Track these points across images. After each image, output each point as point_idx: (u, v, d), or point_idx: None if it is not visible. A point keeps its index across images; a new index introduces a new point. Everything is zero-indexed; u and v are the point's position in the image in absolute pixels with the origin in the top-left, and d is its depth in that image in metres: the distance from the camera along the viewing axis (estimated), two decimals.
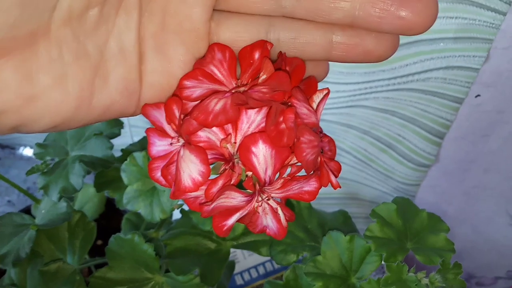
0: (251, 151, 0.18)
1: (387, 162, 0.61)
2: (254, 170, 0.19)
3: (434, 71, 0.50)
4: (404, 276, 0.27)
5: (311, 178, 0.20)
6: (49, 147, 0.36)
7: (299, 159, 0.19)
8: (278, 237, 0.21)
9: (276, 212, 0.21)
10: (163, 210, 0.30)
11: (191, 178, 0.18)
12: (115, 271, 0.30)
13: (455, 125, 0.54)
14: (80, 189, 0.32)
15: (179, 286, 0.30)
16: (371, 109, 0.55)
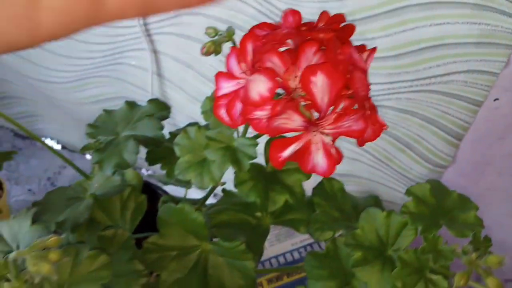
0: (311, 79, 0.21)
1: (405, 161, 0.63)
2: (313, 97, 0.22)
3: (456, 74, 0.53)
4: (439, 247, 0.29)
5: (359, 118, 0.23)
6: (99, 128, 0.39)
7: (352, 88, 0.22)
8: (327, 174, 0.24)
9: (328, 148, 0.23)
10: (212, 178, 0.32)
11: (259, 94, 0.22)
12: (165, 238, 0.33)
13: (473, 127, 0.57)
14: (133, 164, 0.35)
15: (225, 252, 0.33)
16: (393, 110, 0.58)
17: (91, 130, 0.39)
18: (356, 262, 0.31)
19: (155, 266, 0.32)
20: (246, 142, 0.33)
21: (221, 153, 0.33)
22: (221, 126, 0.34)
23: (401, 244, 0.31)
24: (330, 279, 0.32)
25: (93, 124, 0.39)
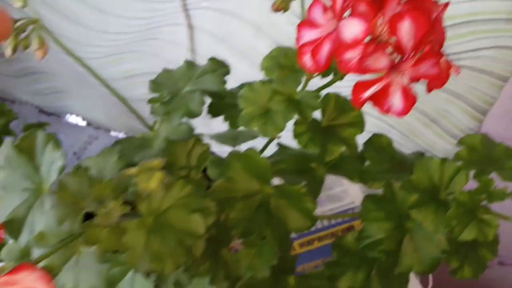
0: (399, 24, 0.24)
1: (430, 137, 0.66)
2: (399, 41, 0.24)
3: (485, 50, 0.56)
4: (491, 189, 0.32)
5: (436, 63, 0.26)
6: (161, 85, 0.41)
7: (436, 31, 0.24)
8: (403, 114, 0.27)
9: (405, 90, 0.26)
10: (276, 127, 0.35)
11: (353, 36, 0.24)
12: (231, 182, 0.35)
13: (498, 103, 0.60)
14: (199, 114, 0.37)
15: (287, 195, 0.35)
16: (422, 84, 0.61)
17: (154, 85, 0.41)
18: (412, 204, 0.34)
19: (223, 205, 0.34)
20: (309, 94, 0.35)
21: (285, 104, 0.35)
22: (286, 80, 0.36)
23: (453, 189, 0.33)
24: (385, 221, 0.35)
25: (154, 80, 0.42)
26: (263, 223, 0.35)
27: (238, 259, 0.36)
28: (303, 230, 0.36)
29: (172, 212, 0.29)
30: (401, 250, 0.35)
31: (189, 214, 0.29)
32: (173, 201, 0.29)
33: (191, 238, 0.29)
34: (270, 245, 0.35)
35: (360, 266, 0.38)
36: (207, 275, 0.35)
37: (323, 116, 0.39)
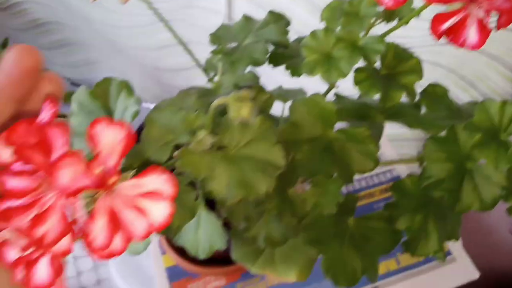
0: None
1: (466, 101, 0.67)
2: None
3: None
4: None
5: None
6: (221, 38, 0.43)
7: None
8: (478, 46, 0.28)
9: (482, 23, 0.27)
10: (341, 73, 0.36)
11: None
12: (297, 126, 0.37)
13: None
14: (264, 63, 0.39)
15: (351, 137, 0.37)
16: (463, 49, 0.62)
17: (213, 37, 0.42)
18: (475, 143, 0.35)
19: (289, 147, 0.36)
20: (373, 40, 0.37)
21: (349, 49, 0.37)
22: (350, 26, 0.38)
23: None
24: (447, 161, 0.36)
25: (214, 34, 0.43)
26: (329, 164, 0.36)
27: (304, 198, 0.38)
28: (366, 171, 0.37)
29: (254, 144, 0.31)
30: (461, 189, 0.36)
31: (271, 146, 0.31)
32: (254, 134, 0.31)
33: (273, 168, 0.31)
34: (336, 184, 0.37)
35: (417, 208, 0.39)
36: (275, 212, 0.37)
37: (382, 65, 0.40)
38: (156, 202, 0.21)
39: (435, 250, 0.40)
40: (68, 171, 0.19)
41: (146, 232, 0.21)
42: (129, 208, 0.21)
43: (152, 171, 0.22)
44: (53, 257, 0.22)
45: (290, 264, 0.44)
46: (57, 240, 0.20)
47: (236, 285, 0.58)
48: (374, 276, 0.40)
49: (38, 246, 0.20)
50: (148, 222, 0.21)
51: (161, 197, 0.21)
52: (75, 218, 0.20)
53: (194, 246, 0.42)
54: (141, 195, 0.21)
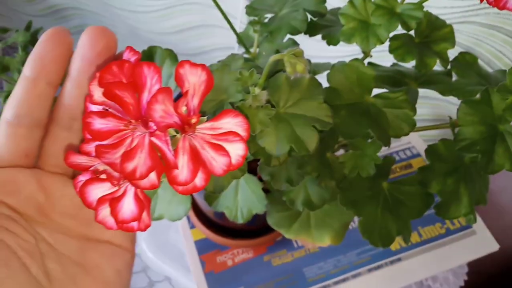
0: None
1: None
2: None
3: None
4: None
5: None
6: (257, 9, 0.44)
7: None
8: None
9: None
10: (378, 40, 0.38)
11: None
12: (335, 91, 0.38)
13: None
14: (304, 31, 0.40)
15: (388, 103, 0.38)
16: (479, 25, 0.63)
17: (250, 9, 0.44)
18: (508, 105, 0.37)
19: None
20: (411, 7, 0.38)
21: (387, 17, 0.38)
22: None
23: None
24: (480, 124, 0.38)
25: (250, 5, 0.45)
26: (367, 127, 0.38)
27: (343, 160, 0.39)
28: (403, 135, 0.39)
29: (303, 102, 0.33)
30: (494, 150, 0.38)
31: (319, 104, 0.33)
32: (303, 93, 0.33)
33: (321, 124, 0.32)
34: (374, 147, 0.39)
35: (449, 172, 0.41)
36: (315, 174, 0.39)
37: (415, 32, 0.42)
38: (231, 143, 0.22)
39: (466, 213, 0.42)
40: (161, 107, 0.20)
41: (224, 169, 0.22)
42: (208, 147, 0.22)
43: (226, 113, 0.23)
44: (138, 192, 0.23)
45: (325, 229, 0.45)
46: (147, 174, 0.21)
47: (263, 257, 0.60)
48: (408, 238, 0.42)
49: (129, 180, 0.21)
50: (226, 160, 0.22)
51: (236, 138, 0.22)
52: (161, 154, 0.22)
53: (233, 210, 0.43)
54: (217, 136, 0.22)
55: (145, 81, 0.21)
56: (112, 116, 0.22)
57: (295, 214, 0.45)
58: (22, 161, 0.24)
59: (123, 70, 0.22)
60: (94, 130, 0.22)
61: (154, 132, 0.21)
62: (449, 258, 0.61)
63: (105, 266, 0.25)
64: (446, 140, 0.41)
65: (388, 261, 0.59)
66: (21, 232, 0.23)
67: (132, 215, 0.23)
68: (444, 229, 0.62)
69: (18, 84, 0.24)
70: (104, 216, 0.23)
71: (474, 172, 0.43)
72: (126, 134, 0.22)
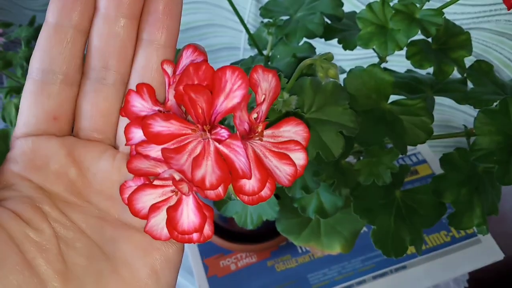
0: None
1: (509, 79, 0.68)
2: None
3: None
4: None
5: None
6: (272, 11, 0.43)
7: None
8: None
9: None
10: (397, 44, 0.37)
11: None
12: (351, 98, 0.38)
13: None
14: (320, 34, 0.39)
15: (405, 110, 0.38)
16: (489, 32, 0.63)
17: (265, 11, 0.43)
18: None
19: None
20: (431, 13, 0.37)
21: (407, 22, 0.37)
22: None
23: None
24: (497, 134, 0.37)
25: (264, 7, 0.44)
26: (383, 135, 0.37)
27: (358, 168, 0.38)
28: (420, 143, 0.38)
29: (328, 108, 0.32)
30: (510, 161, 0.37)
31: (344, 110, 0.32)
32: (327, 98, 0.32)
33: (347, 130, 0.31)
34: (390, 155, 0.38)
35: (463, 182, 0.40)
36: (330, 181, 0.38)
37: (433, 39, 0.41)
38: (292, 152, 0.21)
39: (478, 223, 0.41)
40: (240, 114, 0.19)
41: (290, 179, 0.20)
42: (271, 156, 0.20)
43: (287, 122, 0.21)
44: (200, 202, 0.21)
45: (335, 237, 0.45)
46: (218, 184, 0.19)
47: (267, 262, 0.59)
48: (420, 247, 0.41)
49: (200, 189, 0.19)
50: (292, 169, 0.20)
51: (297, 147, 0.21)
52: (228, 162, 0.19)
53: (243, 216, 0.42)
54: (278, 144, 0.21)
55: (225, 86, 0.19)
56: (177, 119, 0.20)
57: (305, 221, 0.44)
58: (51, 125, 0.21)
59: (199, 73, 0.19)
60: (152, 132, 0.19)
61: (222, 139, 0.19)
62: (454, 266, 0.60)
63: (138, 264, 0.21)
64: (461, 149, 0.40)
65: (393, 268, 0.59)
66: (35, 220, 0.19)
67: (193, 225, 0.20)
68: (449, 237, 0.62)
69: (41, 33, 0.21)
70: (155, 225, 0.21)
71: (487, 182, 0.42)
72: (187, 139, 0.20)
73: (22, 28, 0.63)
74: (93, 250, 0.20)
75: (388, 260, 0.60)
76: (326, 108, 0.32)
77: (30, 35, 0.64)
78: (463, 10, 0.61)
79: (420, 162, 0.68)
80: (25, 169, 0.20)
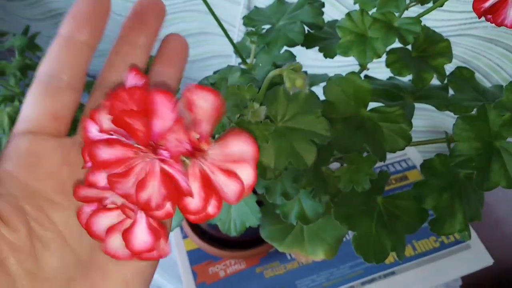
0: None
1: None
2: None
3: None
4: None
5: None
6: (254, 20, 0.44)
7: None
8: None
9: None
10: (376, 53, 0.37)
11: None
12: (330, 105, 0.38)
13: None
14: (300, 43, 0.40)
15: (384, 117, 0.38)
16: (477, 38, 0.63)
17: (248, 20, 0.43)
18: (504, 121, 0.36)
19: None
20: (409, 21, 0.38)
21: (385, 30, 0.38)
22: (386, 8, 0.39)
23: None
24: (476, 140, 0.38)
25: (247, 16, 0.44)
26: (362, 142, 0.37)
27: (338, 175, 0.39)
28: (399, 149, 0.39)
29: (301, 116, 0.32)
30: (490, 167, 0.38)
31: (316, 118, 0.32)
32: (300, 107, 0.32)
33: (319, 138, 0.32)
34: (369, 161, 0.38)
35: (444, 188, 0.41)
36: (310, 188, 0.38)
37: (413, 47, 0.42)
38: (241, 165, 0.21)
39: (460, 229, 0.41)
40: (174, 136, 0.19)
41: (237, 197, 0.20)
42: (219, 173, 0.20)
43: (236, 137, 0.21)
44: (151, 221, 0.21)
45: (318, 243, 0.45)
46: (163, 204, 0.19)
47: (256, 269, 0.59)
48: (402, 254, 0.41)
49: (145, 211, 0.20)
50: (239, 186, 0.20)
51: (245, 159, 0.21)
52: (173, 181, 0.20)
53: (226, 223, 0.43)
54: (226, 159, 0.21)
55: (158, 108, 0.19)
56: (120, 143, 0.20)
57: (288, 227, 0.45)
58: (50, 124, 0.22)
59: (134, 97, 0.20)
60: (100, 160, 0.20)
61: (166, 159, 0.20)
62: (443, 272, 0.60)
63: (110, 273, 0.22)
64: (442, 155, 0.41)
65: (382, 274, 0.59)
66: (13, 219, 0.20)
67: (147, 245, 0.21)
68: (438, 243, 0.62)
69: (53, 43, 0.22)
70: (114, 247, 0.22)
71: (469, 188, 0.43)
72: (134, 162, 0.20)
73: (16, 38, 0.64)
74: (69, 253, 0.21)
75: (376, 266, 0.60)
76: (299, 117, 0.32)
77: (24, 45, 0.65)
78: (450, 17, 0.62)
79: (410, 167, 0.68)
80: (16, 166, 0.21)
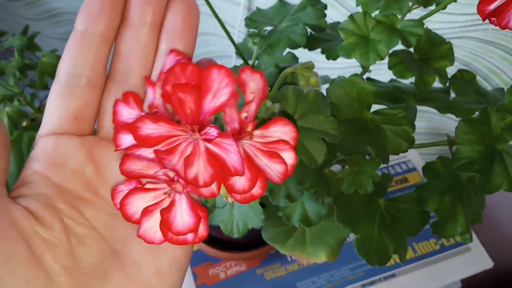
0: None
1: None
2: None
3: None
4: None
5: None
6: (256, 21, 0.44)
7: None
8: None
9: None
10: (378, 55, 0.37)
11: None
12: (335, 107, 0.38)
13: None
14: (302, 45, 0.40)
15: (387, 119, 0.38)
16: (477, 41, 0.63)
17: (250, 22, 0.43)
18: (506, 124, 0.36)
19: None
20: (412, 23, 0.38)
21: (387, 33, 0.38)
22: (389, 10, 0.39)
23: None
24: (478, 143, 0.38)
25: (249, 17, 0.44)
26: (365, 144, 0.37)
27: (341, 177, 0.39)
28: (402, 151, 0.39)
29: (310, 115, 0.32)
30: (491, 170, 0.38)
31: (326, 118, 0.32)
32: (309, 106, 0.32)
33: (329, 137, 0.32)
34: (372, 164, 0.38)
35: (446, 190, 0.41)
36: (313, 190, 0.38)
37: (415, 49, 0.42)
38: (281, 152, 0.21)
39: (462, 232, 0.41)
40: (230, 112, 0.19)
41: (280, 177, 0.20)
42: (261, 155, 0.20)
43: (276, 121, 0.21)
44: (192, 202, 0.21)
45: (320, 245, 0.45)
46: (211, 181, 0.19)
47: (256, 271, 0.59)
48: (404, 256, 0.41)
49: (194, 186, 0.19)
50: (282, 167, 0.20)
51: (286, 147, 0.21)
52: (220, 161, 0.19)
53: (229, 224, 0.42)
54: (267, 144, 0.21)
55: (212, 85, 0.19)
56: (165, 121, 0.19)
57: (290, 229, 0.45)
58: (72, 125, 0.22)
59: (185, 73, 0.19)
60: (142, 135, 0.19)
61: (211, 139, 0.19)
62: (443, 274, 0.60)
63: (144, 263, 0.22)
64: (444, 158, 0.41)
65: (382, 276, 0.59)
66: (46, 217, 0.20)
67: (188, 226, 0.20)
68: (438, 245, 0.62)
69: (69, 39, 0.22)
70: (148, 229, 0.21)
71: (471, 191, 0.43)
72: (177, 140, 0.19)
73: (16, 37, 0.64)
74: (103, 247, 0.21)
75: (377, 269, 0.60)
76: (308, 116, 0.32)
77: (23, 44, 0.64)
78: (451, 19, 0.62)
79: (410, 170, 0.68)
80: (45, 166, 0.21)
